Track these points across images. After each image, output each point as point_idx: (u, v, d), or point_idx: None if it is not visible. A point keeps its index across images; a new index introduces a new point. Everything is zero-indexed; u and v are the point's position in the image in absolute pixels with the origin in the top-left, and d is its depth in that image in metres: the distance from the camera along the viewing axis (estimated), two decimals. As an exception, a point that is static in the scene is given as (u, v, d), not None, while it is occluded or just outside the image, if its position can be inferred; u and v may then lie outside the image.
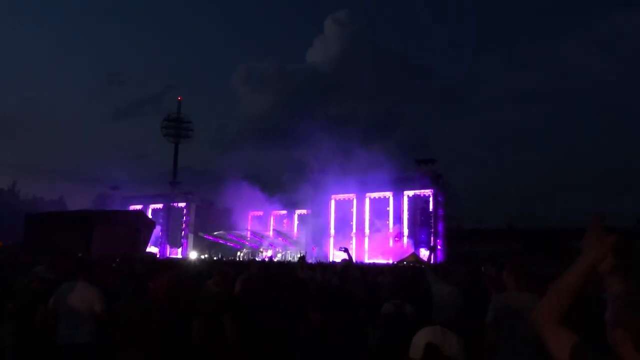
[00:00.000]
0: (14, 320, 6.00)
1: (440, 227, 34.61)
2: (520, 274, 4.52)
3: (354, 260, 8.77)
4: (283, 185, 41.08)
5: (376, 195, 36.32)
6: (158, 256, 31.67)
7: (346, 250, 8.58)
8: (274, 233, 39.06)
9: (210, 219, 43.28)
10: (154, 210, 44.53)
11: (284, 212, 41.28)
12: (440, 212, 34.91)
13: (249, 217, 42.33)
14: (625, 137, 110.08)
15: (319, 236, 38.19)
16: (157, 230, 39.72)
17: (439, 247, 33.26)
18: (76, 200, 40.45)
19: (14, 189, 74.73)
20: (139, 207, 43.25)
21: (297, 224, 40.68)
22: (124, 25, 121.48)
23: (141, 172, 43.68)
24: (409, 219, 35.42)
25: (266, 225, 41.05)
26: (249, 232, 39.89)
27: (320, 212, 38.88)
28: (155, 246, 40.35)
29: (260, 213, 42.12)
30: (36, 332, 5.68)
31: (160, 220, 42.83)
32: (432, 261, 7.45)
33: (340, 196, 37.94)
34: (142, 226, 25.56)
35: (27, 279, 6.47)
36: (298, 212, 40.77)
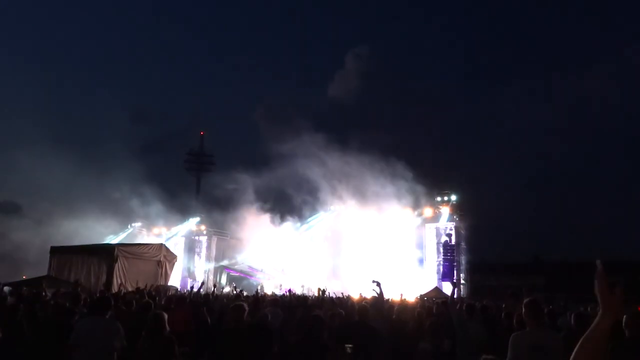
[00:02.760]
0: (34, 353, 6.02)
1: (464, 260, 34.03)
2: (538, 310, 4.40)
3: (384, 295, 8.27)
4: (304, 217, 41.05)
5: (397, 227, 35.96)
6: (179, 290, 31.63)
7: (379, 285, 8.21)
8: (294, 265, 38.79)
9: (231, 251, 43.38)
10: (175, 243, 44.81)
11: (305, 244, 41.06)
12: (463, 245, 34.38)
13: (270, 249, 42.18)
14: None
15: (339, 269, 37.86)
16: (179, 264, 39.81)
17: (462, 281, 32.62)
18: (100, 233, 40.85)
19: (40, 222, 75.91)
20: (161, 240, 43.54)
21: (318, 256, 40.41)
22: (148, 64, 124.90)
23: (163, 206, 44.09)
24: (430, 252, 34.95)
25: (287, 257, 40.81)
26: (269, 265, 39.71)
27: (341, 245, 38.66)
28: (177, 279, 40.37)
29: (281, 245, 41.96)
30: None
31: (182, 254, 43.03)
32: (455, 296, 7.26)
33: (361, 227, 37.68)
34: (163, 259, 25.59)
35: (47, 311, 6.52)
36: (318, 244, 40.55)
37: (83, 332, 5.39)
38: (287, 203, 41.46)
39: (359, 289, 26.18)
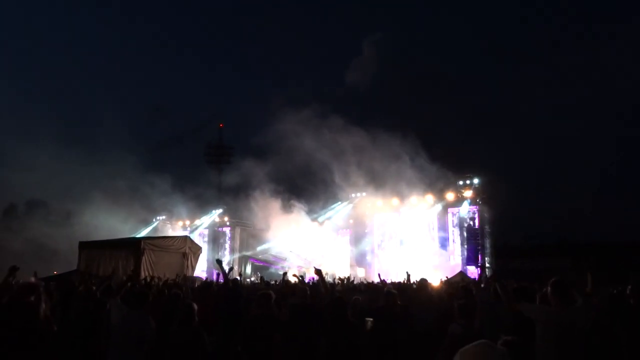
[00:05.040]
0: (67, 345, 6.17)
1: (488, 243, 33.75)
2: (563, 289, 4.42)
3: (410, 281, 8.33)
4: (325, 205, 41.11)
5: (419, 212, 35.81)
6: (204, 280, 32.06)
7: (409, 276, 8.29)
8: (318, 254, 38.98)
9: (254, 241, 43.81)
10: (200, 235, 45.49)
11: (327, 232, 41.21)
12: (487, 228, 34.08)
13: (292, 238, 42.41)
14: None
15: (362, 256, 38.02)
16: (204, 255, 40.30)
17: (487, 264, 32.39)
18: (125, 227, 41.56)
19: (69, 219, 77.33)
20: (185, 232, 44.13)
21: (341, 244, 40.56)
22: (165, 59, 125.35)
23: (186, 199, 44.75)
24: (454, 237, 34.78)
25: (310, 246, 41.00)
26: (293, 254, 39.97)
27: (363, 231, 38.78)
28: (202, 271, 40.92)
29: (304, 234, 42.15)
30: (89, 357, 5.81)
31: (206, 245, 43.61)
32: (482, 279, 7.28)
33: (383, 214, 37.69)
34: (189, 251, 25.92)
35: (79, 305, 6.67)
36: (341, 231, 40.69)
37: (114, 325, 5.52)
38: (307, 192, 41.53)
39: (380, 275, 26.05)
